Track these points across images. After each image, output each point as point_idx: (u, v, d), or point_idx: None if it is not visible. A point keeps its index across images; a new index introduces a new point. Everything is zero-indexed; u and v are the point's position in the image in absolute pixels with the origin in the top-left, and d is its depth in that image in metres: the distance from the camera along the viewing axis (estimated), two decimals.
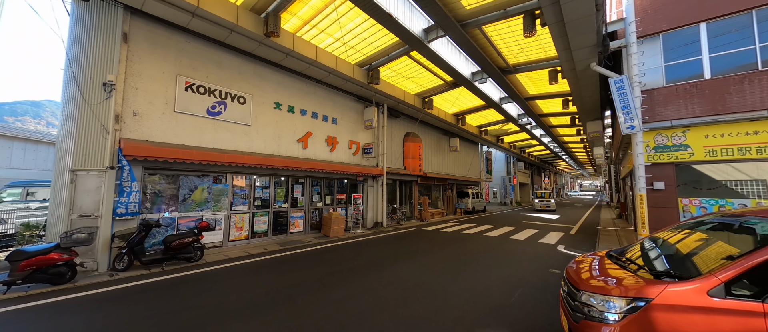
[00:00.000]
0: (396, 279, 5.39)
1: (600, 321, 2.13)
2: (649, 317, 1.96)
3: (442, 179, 18.43)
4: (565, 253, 7.74)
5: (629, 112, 7.43)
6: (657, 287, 2.05)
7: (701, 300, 1.88)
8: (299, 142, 9.76)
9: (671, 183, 7.57)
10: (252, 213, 8.54)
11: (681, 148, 7.49)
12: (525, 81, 12.60)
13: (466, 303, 4.28)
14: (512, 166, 36.39)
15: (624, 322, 2.03)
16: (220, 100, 7.74)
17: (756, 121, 6.68)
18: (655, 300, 1.98)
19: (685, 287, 1.98)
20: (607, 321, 2.10)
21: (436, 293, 4.69)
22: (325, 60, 9.12)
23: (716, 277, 1.93)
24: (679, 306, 1.92)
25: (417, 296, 4.56)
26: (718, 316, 1.83)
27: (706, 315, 1.85)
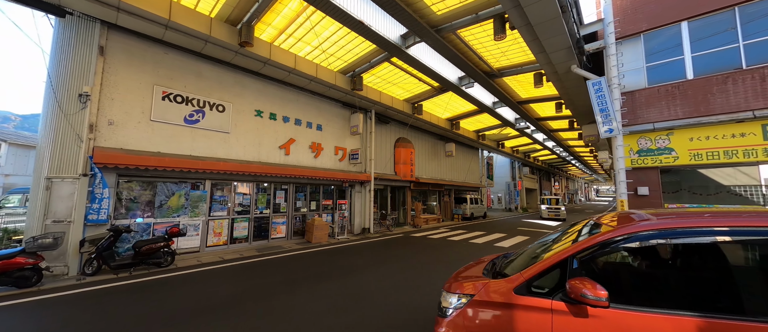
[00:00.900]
0: (350, 287, 5.32)
1: (443, 315, 2.26)
2: (469, 310, 2.13)
3: (437, 185, 18.23)
4: None
5: (607, 115, 7.18)
6: (481, 284, 2.20)
7: (508, 296, 2.02)
8: (281, 149, 9.89)
9: (656, 188, 7.23)
10: (231, 219, 8.67)
11: (665, 152, 7.16)
12: (514, 85, 12.41)
13: (398, 313, 4.18)
14: (517, 171, 35.67)
15: (453, 316, 2.18)
16: (198, 109, 7.96)
17: (741, 122, 6.32)
18: (475, 296, 2.14)
19: (499, 285, 2.12)
20: (446, 315, 2.23)
21: (377, 303, 4.60)
22: (305, 68, 9.27)
23: (522, 276, 2.04)
24: (491, 301, 2.08)
25: (354, 307, 4.48)
26: (517, 311, 1.96)
27: (509, 309, 1.98)
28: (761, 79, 6.10)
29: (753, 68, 6.22)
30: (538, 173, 43.87)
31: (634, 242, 1.91)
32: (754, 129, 6.23)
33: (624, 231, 1.91)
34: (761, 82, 6.09)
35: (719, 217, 1.93)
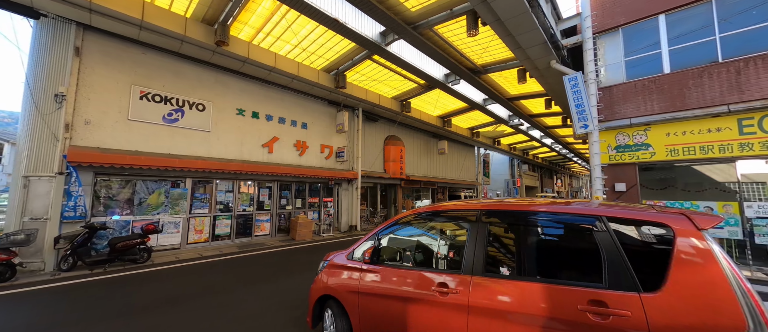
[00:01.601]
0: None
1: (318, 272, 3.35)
2: (327, 269, 3.21)
3: (429, 182, 18.20)
4: None
5: (583, 111, 7.10)
6: (333, 254, 3.29)
7: (343, 261, 3.06)
8: (264, 147, 9.98)
9: (633, 184, 7.14)
10: (213, 216, 8.79)
11: (642, 148, 7.05)
12: (501, 81, 12.31)
13: None
14: (516, 169, 35.41)
15: (320, 272, 3.27)
16: (177, 108, 8.06)
17: (717, 117, 6.20)
18: (330, 260, 3.23)
19: (340, 255, 3.16)
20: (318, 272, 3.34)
21: None
22: (286, 66, 9.32)
23: (350, 249, 3.10)
24: (336, 264, 3.12)
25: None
26: (347, 268, 2.97)
27: (343, 269, 3.00)
28: (736, 72, 5.97)
29: (728, 61, 6.09)
30: (539, 170, 43.46)
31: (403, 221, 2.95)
32: (730, 123, 6.10)
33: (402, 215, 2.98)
34: (736, 75, 5.97)
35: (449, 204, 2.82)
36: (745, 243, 6.01)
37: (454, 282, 2.19)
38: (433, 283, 2.29)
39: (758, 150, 5.81)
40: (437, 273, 2.38)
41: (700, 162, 6.54)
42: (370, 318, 2.61)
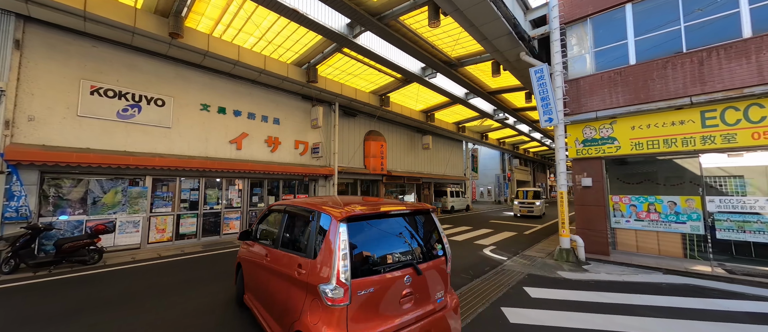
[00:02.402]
0: None
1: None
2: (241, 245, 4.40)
3: (413, 178, 18.03)
4: (488, 256, 7.30)
5: (548, 104, 6.92)
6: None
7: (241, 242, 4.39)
8: (232, 143, 9.72)
9: (600, 179, 7.00)
10: (176, 215, 8.55)
11: (608, 141, 6.90)
12: (479, 74, 12.09)
13: None
14: (507, 164, 35.36)
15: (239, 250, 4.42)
16: (133, 103, 7.77)
17: (680, 109, 6.05)
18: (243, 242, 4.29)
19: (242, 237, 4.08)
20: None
21: None
22: (251, 60, 9.02)
23: (242, 231, 4.08)
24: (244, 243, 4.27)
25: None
26: (243, 246, 4.30)
27: (243, 244, 4.30)
28: (699, 62, 5.80)
29: (692, 51, 5.92)
30: (531, 165, 43.50)
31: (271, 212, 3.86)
32: (693, 116, 5.95)
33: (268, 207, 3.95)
34: (699, 66, 5.80)
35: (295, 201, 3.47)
36: (706, 237, 5.90)
37: (266, 252, 3.40)
38: (263, 252, 3.46)
39: (720, 143, 5.68)
40: (264, 246, 3.52)
41: (664, 155, 6.40)
42: (247, 274, 3.96)
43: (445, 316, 2.71)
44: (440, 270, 2.81)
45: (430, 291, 2.69)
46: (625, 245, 6.81)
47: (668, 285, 4.98)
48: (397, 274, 2.47)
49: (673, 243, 6.30)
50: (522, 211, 16.54)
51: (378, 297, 2.36)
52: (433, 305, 2.67)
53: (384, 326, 2.34)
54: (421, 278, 2.59)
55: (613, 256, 6.70)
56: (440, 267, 2.81)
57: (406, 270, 2.52)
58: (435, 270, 2.75)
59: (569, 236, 6.68)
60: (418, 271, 2.56)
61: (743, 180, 6.04)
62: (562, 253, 6.65)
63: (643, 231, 6.57)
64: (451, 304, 2.82)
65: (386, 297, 2.41)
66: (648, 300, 4.29)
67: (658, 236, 6.44)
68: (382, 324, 2.34)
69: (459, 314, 2.90)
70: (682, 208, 6.16)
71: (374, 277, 2.37)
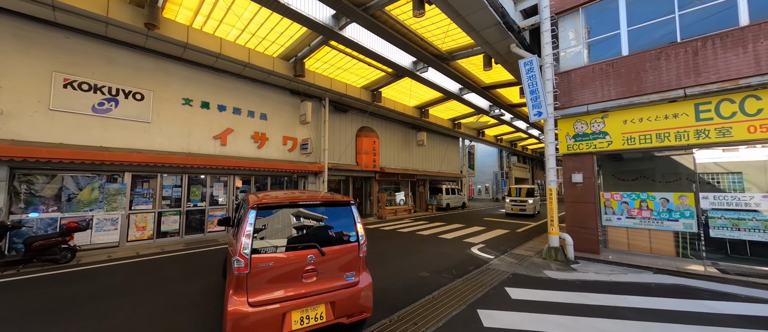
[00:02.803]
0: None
1: None
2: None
3: (408, 175, 17.79)
4: (475, 255, 7.08)
5: (537, 97, 6.66)
6: None
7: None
8: (216, 139, 9.48)
9: (591, 174, 6.76)
10: (158, 212, 8.34)
11: (600, 136, 6.65)
12: (471, 69, 11.81)
13: None
14: (505, 161, 35.09)
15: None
16: (110, 97, 7.53)
17: (673, 102, 5.79)
18: None
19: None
20: None
21: None
22: (234, 53, 8.76)
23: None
24: None
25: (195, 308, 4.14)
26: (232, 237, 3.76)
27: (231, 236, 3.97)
28: (693, 52, 5.54)
29: (686, 41, 5.65)
30: (529, 162, 43.16)
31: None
32: (687, 109, 5.70)
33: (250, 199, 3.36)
34: (693, 56, 5.53)
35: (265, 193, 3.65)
36: (699, 235, 5.67)
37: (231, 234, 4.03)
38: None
39: (714, 137, 5.43)
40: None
41: (656, 151, 6.15)
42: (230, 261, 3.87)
43: (353, 293, 3.15)
44: (351, 253, 3.25)
45: (336, 270, 3.16)
46: (616, 243, 6.59)
47: (657, 285, 4.76)
48: (300, 253, 2.99)
49: (665, 241, 6.07)
50: (513, 209, 15.79)
51: (277, 270, 2.89)
52: (340, 281, 3.15)
53: (281, 294, 2.88)
54: (325, 258, 3.07)
55: (603, 255, 6.48)
56: (351, 252, 3.25)
57: (309, 251, 3.02)
58: (344, 253, 3.23)
59: (558, 234, 6.45)
60: (322, 252, 3.06)
61: (739, 177, 5.80)
62: (550, 252, 6.42)
63: (635, 229, 6.34)
64: (364, 284, 3.25)
65: (287, 271, 2.93)
66: (634, 302, 4.07)
67: (650, 234, 6.21)
68: (280, 292, 2.88)
69: (371, 294, 3.28)
70: (675, 205, 5.93)
71: (273, 254, 2.90)
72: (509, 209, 15.98)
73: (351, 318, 3.14)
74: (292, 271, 2.94)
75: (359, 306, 3.18)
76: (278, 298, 2.84)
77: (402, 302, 4.11)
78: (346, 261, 3.22)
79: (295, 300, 2.88)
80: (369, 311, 3.26)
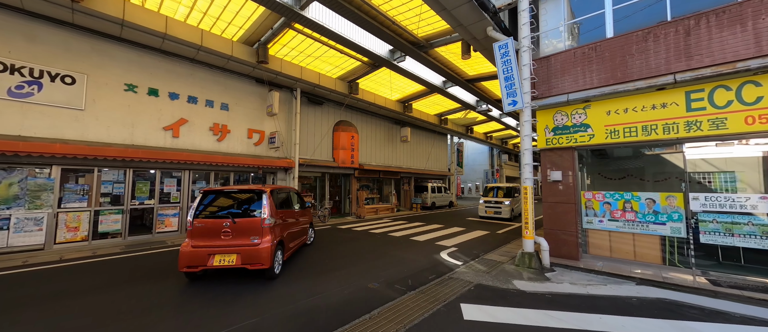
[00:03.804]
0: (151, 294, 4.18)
1: None
2: None
3: (390, 172, 17.04)
4: (441, 261, 6.36)
5: (512, 84, 5.93)
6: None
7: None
8: (167, 130, 8.59)
9: (570, 172, 6.07)
10: (94, 210, 7.45)
11: (581, 129, 5.96)
12: (452, 58, 11.06)
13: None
14: (495, 159, 34.58)
15: None
16: (31, 80, 6.61)
17: (662, 90, 5.10)
18: None
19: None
20: None
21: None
22: (184, 34, 7.87)
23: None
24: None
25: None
26: None
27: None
28: (685, 32, 4.84)
29: (677, 19, 4.95)
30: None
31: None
32: (677, 97, 5.01)
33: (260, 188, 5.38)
34: (685, 36, 4.84)
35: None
36: (688, 241, 5.01)
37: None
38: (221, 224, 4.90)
39: (707, 129, 4.76)
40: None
41: (643, 145, 5.48)
42: None
43: (254, 251, 4.74)
44: (255, 224, 4.92)
45: (245, 233, 4.86)
46: (597, 248, 5.92)
47: (639, 300, 4.08)
48: (220, 221, 4.88)
49: (651, 246, 5.41)
50: (487, 212, 13.30)
51: (206, 230, 4.83)
52: (247, 241, 4.81)
53: (208, 243, 4.76)
54: (236, 225, 4.86)
55: (583, 261, 5.81)
56: (255, 223, 4.93)
57: (226, 220, 4.88)
58: (250, 223, 4.92)
59: (533, 238, 5.76)
60: (234, 221, 4.87)
61: (733, 175, 5.16)
62: (523, 258, 5.72)
63: (618, 233, 5.67)
64: (263, 246, 4.79)
65: (212, 230, 4.83)
66: (608, 324, 3.38)
67: (634, 238, 5.55)
68: (207, 242, 4.76)
69: (268, 253, 4.79)
70: (662, 207, 5.26)
71: (204, 220, 4.90)
72: (483, 211, 13.54)
73: (253, 266, 4.70)
74: (215, 230, 4.83)
75: (259, 259, 4.73)
76: (206, 245, 4.75)
77: (328, 325, 3.36)
78: (252, 229, 4.90)
79: (215, 248, 4.73)
80: (267, 263, 4.75)
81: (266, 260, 4.70)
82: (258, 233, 4.83)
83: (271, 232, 4.93)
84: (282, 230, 5.54)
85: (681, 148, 5.27)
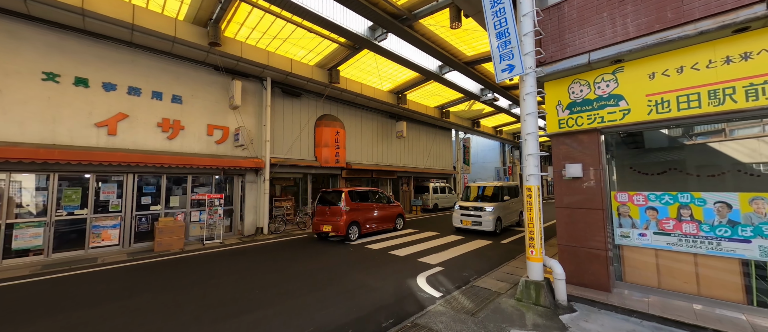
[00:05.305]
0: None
1: None
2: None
3: (385, 172, 15.41)
4: (413, 291, 4.68)
5: (508, 42, 4.18)
6: None
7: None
8: (100, 127, 7.31)
9: (595, 164, 4.27)
10: (4, 223, 6.23)
11: (610, 102, 4.15)
12: (445, 34, 9.32)
13: None
14: (507, 156, 32.30)
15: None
16: None
17: (744, 31, 3.25)
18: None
19: None
20: None
21: None
22: (108, 9, 6.54)
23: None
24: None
25: None
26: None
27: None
28: None
29: None
30: None
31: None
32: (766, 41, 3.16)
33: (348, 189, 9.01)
34: None
35: None
36: None
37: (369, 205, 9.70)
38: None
39: None
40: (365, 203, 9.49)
41: (708, 119, 3.64)
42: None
43: (337, 224, 8.31)
44: (338, 210, 8.48)
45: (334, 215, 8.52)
46: (638, 273, 4.10)
47: None
48: (324, 207, 8.86)
49: (724, 275, 3.57)
50: (463, 222, 9.49)
51: (320, 212, 8.86)
52: (334, 219, 8.44)
53: (320, 219, 8.74)
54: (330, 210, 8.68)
55: (617, 294, 4.01)
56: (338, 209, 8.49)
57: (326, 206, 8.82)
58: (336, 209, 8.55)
59: (542, 260, 4.00)
60: (329, 208, 8.78)
61: None
62: (529, 290, 3.98)
63: (670, 253, 3.85)
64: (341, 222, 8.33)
65: (321, 212, 8.81)
66: None
67: (696, 262, 3.71)
68: (320, 218, 8.77)
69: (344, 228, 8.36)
70: (743, 214, 3.42)
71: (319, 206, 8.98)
72: (457, 222, 9.71)
73: (338, 233, 8.31)
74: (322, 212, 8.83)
75: (339, 229, 8.31)
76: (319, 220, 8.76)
77: None
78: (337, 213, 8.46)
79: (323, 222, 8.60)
80: (343, 233, 8.27)
81: (343, 230, 8.23)
82: (340, 215, 8.36)
83: (346, 215, 8.36)
84: (356, 215, 8.74)
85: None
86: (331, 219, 8.43)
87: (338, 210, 8.43)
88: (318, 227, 8.63)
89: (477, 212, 9.35)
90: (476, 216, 9.31)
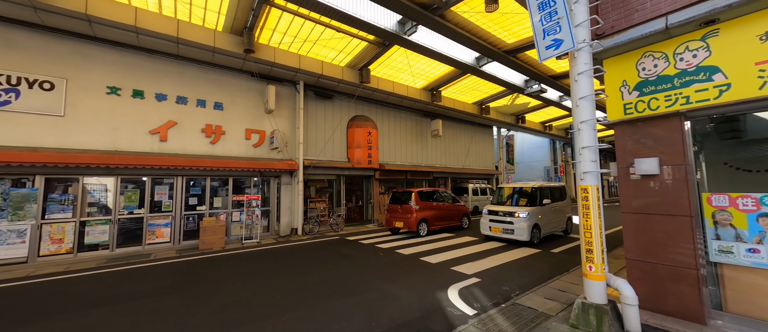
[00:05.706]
0: None
1: None
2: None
3: (420, 173, 14.84)
4: (444, 306, 4.16)
5: (553, 14, 3.47)
6: None
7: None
8: (154, 134, 8.02)
9: (678, 159, 3.34)
10: (79, 221, 7.11)
11: (698, 77, 3.20)
12: (480, 21, 8.57)
13: None
14: (559, 154, 29.31)
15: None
16: (8, 88, 6.43)
17: None
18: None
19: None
20: None
21: None
22: (157, 25, 7.14)
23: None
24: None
25: None
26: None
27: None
28: None
29: None
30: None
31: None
32: None
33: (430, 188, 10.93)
34: None
35: None
36: None
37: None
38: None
39: None
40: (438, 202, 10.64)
41: None
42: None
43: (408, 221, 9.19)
44: (409, 208, 9.31)
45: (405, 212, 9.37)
46: (745, 303, 3.08)
47: None
48: (396, 205, 9.77)
49: None
50: (493, 229, 8.16)
51: (392, 209, 9.80)
52: (406, 216, 9.30)
53: (392, 216, 9.65)
54: (402, 208, 9.51)
55: (713, 328, 3.05)
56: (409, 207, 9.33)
57: (398, 205, 9.68)
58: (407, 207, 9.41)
59: (605, 279, 3.21)
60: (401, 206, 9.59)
61: None
62: (586, 314, 3.21)
63: None
64: (411, 219, 9.12)
65: (393, 210, 9.72)
66: None
67: None
68: (392, 215, 9.69)
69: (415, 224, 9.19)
70: None
71: (391, 204, 10.00)
72: (486, 229, 8.37)
73: (409, 229, 9.22)
74: (394, 210, 9.73)
75: (410, 226, 9.19)
76: (392, 217, 9.66)
77: None
78: (408, 210, 9.32)
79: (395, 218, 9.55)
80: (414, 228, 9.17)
81: (413, 226, 9.05)
82: (411, 212, 9.12)
83: (416, 213, 9.12)
84: (426, 212, 9.48)
85: None
86: (402, 216, 9.19)
87: (409, 208, 9.16)
88: (391, 223, 9.53)
89: (507, 218, 7.90)
90: (507, 222, 7.87)
